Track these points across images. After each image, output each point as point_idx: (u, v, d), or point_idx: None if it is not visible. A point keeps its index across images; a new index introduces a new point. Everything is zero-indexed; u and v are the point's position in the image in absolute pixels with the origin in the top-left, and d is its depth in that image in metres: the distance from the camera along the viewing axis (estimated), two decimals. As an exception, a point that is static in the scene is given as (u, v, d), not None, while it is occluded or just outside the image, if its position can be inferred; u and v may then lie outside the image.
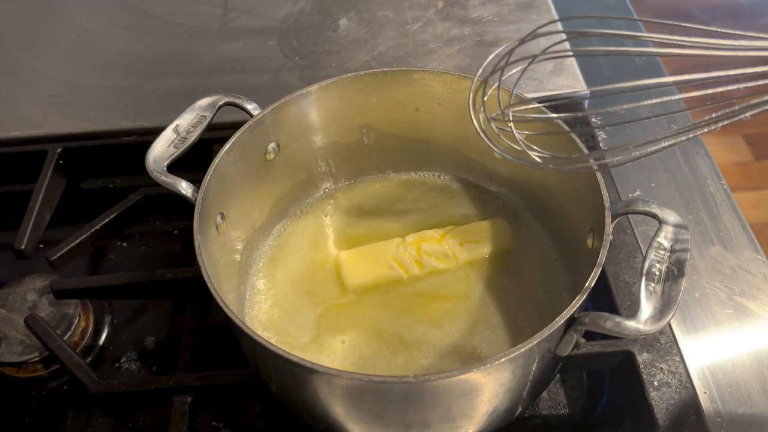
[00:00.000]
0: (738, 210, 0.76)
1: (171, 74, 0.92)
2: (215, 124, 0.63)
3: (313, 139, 0.68)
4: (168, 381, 0.60)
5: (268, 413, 0.64)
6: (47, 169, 0.77)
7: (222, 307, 0.47)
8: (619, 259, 0.68)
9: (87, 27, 1.01)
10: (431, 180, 0.74)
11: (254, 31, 0.98)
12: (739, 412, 0.60)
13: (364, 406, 0.49)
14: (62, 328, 0.66)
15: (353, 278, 0.64)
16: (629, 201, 0.53)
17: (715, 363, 0.64)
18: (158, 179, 0.57)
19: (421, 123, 0.68)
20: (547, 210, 0.67)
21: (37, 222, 0.73)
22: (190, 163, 0.61)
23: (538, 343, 0.45)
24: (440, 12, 0.99)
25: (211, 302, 0.55)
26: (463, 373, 0.44)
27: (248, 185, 0.63)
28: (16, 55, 0.97)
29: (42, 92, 0.90)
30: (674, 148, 0.82)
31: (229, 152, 0.59)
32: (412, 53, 0.92)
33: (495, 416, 0.52)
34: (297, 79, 0.90)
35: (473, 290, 0.64)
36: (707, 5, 2.61)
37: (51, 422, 0.64)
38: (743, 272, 0.70)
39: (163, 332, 0.70)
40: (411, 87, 0.65)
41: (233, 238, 0.62)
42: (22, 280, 0.70)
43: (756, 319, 0.66)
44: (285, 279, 0.66)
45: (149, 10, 1.04)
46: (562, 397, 0.63)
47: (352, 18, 0.99)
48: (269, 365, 0.51)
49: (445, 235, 0.66)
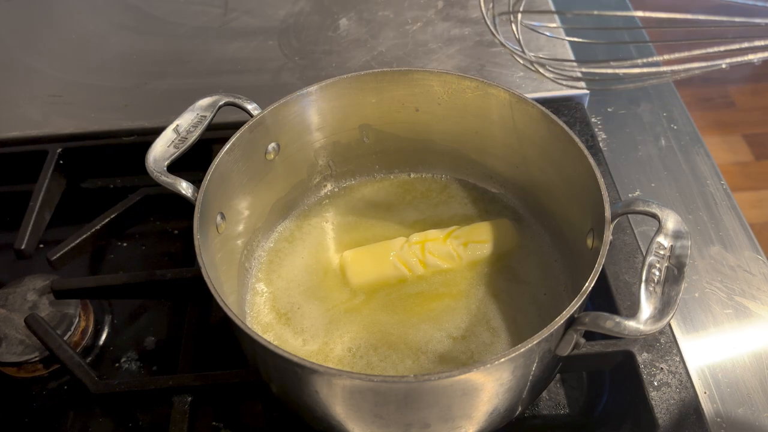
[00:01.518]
0: (738, 210, 0.76)
1: (171, 74, 0.92)
2: (215, 124, 0.63)
3: (313, 139, 0.68)
4: (168, 381, 0.60)
5: (268, 413, 0.64)
6: (47, 169, 0.77)
7: (222, 307, 0.47)
8: (619, 259, 0.68)
9: (87, 27, 1.01)
10: (431, 180, 0.74)
11: (254, 31, 0.98)
12: (739, 412, 0.60)
13: (364, 406, 0.49)
14: (62, 328, 0.66)
15: (358, 277, 0.64)
16: (629, 201, 0.53)
17: (715, 363, 0.64)
18: (158, 179, 0.57)
19: (421, 123, 0.68)
20: (547, 210, 0.67)
21: (37, 222, 0.73)
22: (190, 163, 0.61)
23: (538, 343, 0.45)
24: (440, 12, 0.99)
25: (211, 302, 0.55)
26: (463, 373, 0.44)
27: (248, 185, 0.63)
28: (16, 55, 0.97)
29: (42, 92, 0.90)
30: (674, 148, 0.82)
31: (229, 152, 0.59)
32: (412, 53, 0.92)
33: (495, 416, 0.52)
34: (297, 79, 0.90)
35: (476, 290, 0.64)
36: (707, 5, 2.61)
37: (51, 422, 0.64)
38: (743, 272, 0.70)
39: (163, 332, 0.70)
40: (411, 87, 0.65)
41: (233, 238, 0.62)
42: (22, 280, 0.70)
43: (756, 319, 0.66)
44: (285, 279, 0.66)
45: (149, 10, 1.04)
46: (562, 397, 0.63)
47: (352, 18, 0.99)
48: (269, 365, 0.51)
49: (449, 235, 0.66)
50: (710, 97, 2.26)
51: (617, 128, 0.85)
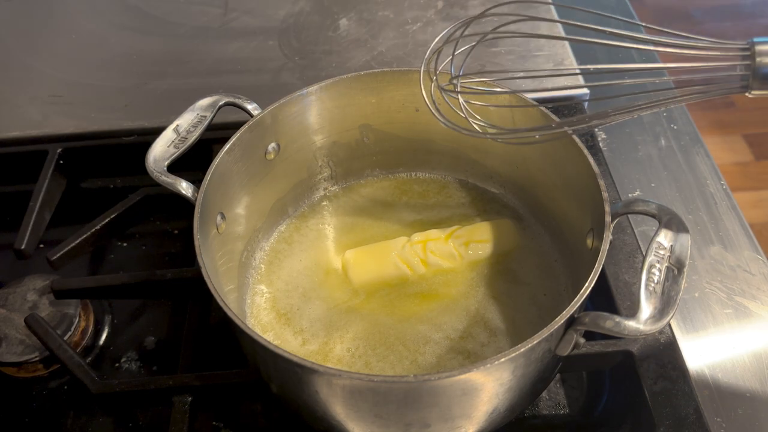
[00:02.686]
0: (738, 210, 0.76)
1: (171, 74, 0.92)
2: (215, 124, 0.63)
3: (313, 139, 0.68)
4: (168, 381, 0.60)
5: (268, 413, 0.64)
6: (47, 169, 0.77)
7: (222, 307, 0.47)
8: (619, 259, 0.68)
9: (87, 27, 1.01)
10: (431, 180, 0.74)
11: (254, 31, 0.98)
12: (739, 412, 0.60)
13: (364, 406, 0.49)
14: (62, 328, 0.66)
15: (360, 276, 0.64)
16: (629, 201, 0.53)
17: (715, 363, 0.64)
18: (158, 179, 0.57)
19: (421, 123, 0.68)
20: (547, 210, 0.67)
21: (37, 222, 0.73)
22: (190, 163, 0.61)
23: (538, 343, 0.45)
24: (440, 12, 0.99)
25: (211, 302, 0.55)
26: (463, 373, 0.44)
27: (248, 185, 0.63)
28: (16, 55, 0.97)
29: (42, 92, 0.90)
30: (674, 148, 0.82)
31: (229, 152, 0.59)
32: (412, 53, 0.92)
33: (495, 416, 0.52)
34: (297, 79, 0.90)
35: (475, 290, 0.64)
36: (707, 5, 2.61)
37: (51, 422, 0.64)
38: (743, 272, 0.70)
39: (163, 332, 0.70)
40: (411, 87, 0.65)
41: (233, 238, 0.62)
42: (22, 280, 0.70)
43: (756, 319, 0.66)
44: (285, 279, 0.66)
45: (149, 10, 1.04)
46: (562, 397, 0.63)
47: (352, 18, 0.99)
48: (269, 365, 0.51)
49: (451, 234, 0.66)
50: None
51: (617, 128, 0.85)
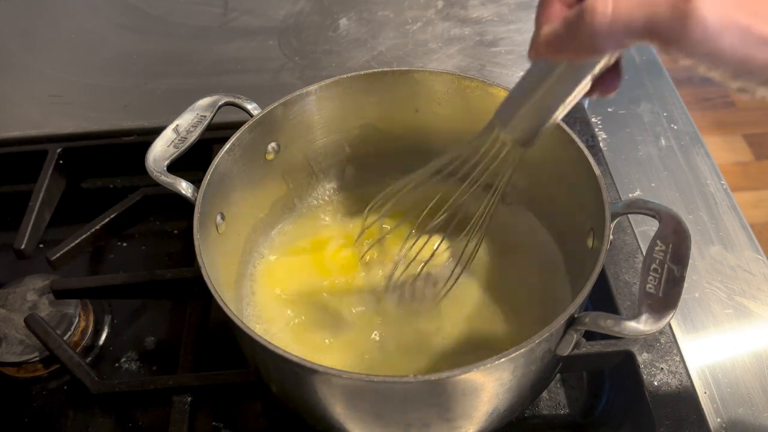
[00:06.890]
0: (738, 210, 0.76)
1: (171, 74, 0.92)
2: (215, 124, 0.63)
3: (313, 139, 0.68)
4: (168, 381, 0.60)
5: (268, 413, 0.64)
6: (47, 169, 0.77)
7: (222, 307, 0.47)
8: (619, 259, 0.68)
9: (87, 27, 1.01)
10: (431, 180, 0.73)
11: (254, 31, 0.98)
12: (739, 412, 0.60)
13: (364, 406, 0.49)
14: (62, 328, 0.66)
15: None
16: (629, 201, 0.53)
17: (715, 363, 0.64)
18: (158, 179, 0.57)
19: (421, 123, 0.68)
20: (547, 210, 0.66)
21: (37, 222, 0.73)
22: (190, 163, 0.61)
23: (538, 343, 0.45)
24: (440, 12, 0.99)
25: (211, 302, 0.54)
26: (463, 373, 0.44)
27: (248, 185, 0.63)
28: (16, 55, 0.97)
29: (42, 92, 0.90)
30: (674, 148, 0.82)
31: (229, 152, 0.59)
32: (412, 53, 0.92)
33: (495, 416, 0.52)
34: (297, 79, 0.90)
35: (475, 290, 0.63)
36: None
37: (51, 422, 0.64)
38: (743, 272, 0.70)
39: (163, 332, 0.70)
40: (411, 87, 0.65)
41: (233, 238, 0.62)
42: (22, 280, 0.70)
43: (756, 319, 0.66)
44: (285, 279, 0.66)
45: (149, 10, 1.04)
46: (562, 397, 0.63)
47: (352, 18, 0.99)
48: (269, 365, 0.51)
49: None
50: (710, 97, 2.26)
51: (617, 128, 0.85)
